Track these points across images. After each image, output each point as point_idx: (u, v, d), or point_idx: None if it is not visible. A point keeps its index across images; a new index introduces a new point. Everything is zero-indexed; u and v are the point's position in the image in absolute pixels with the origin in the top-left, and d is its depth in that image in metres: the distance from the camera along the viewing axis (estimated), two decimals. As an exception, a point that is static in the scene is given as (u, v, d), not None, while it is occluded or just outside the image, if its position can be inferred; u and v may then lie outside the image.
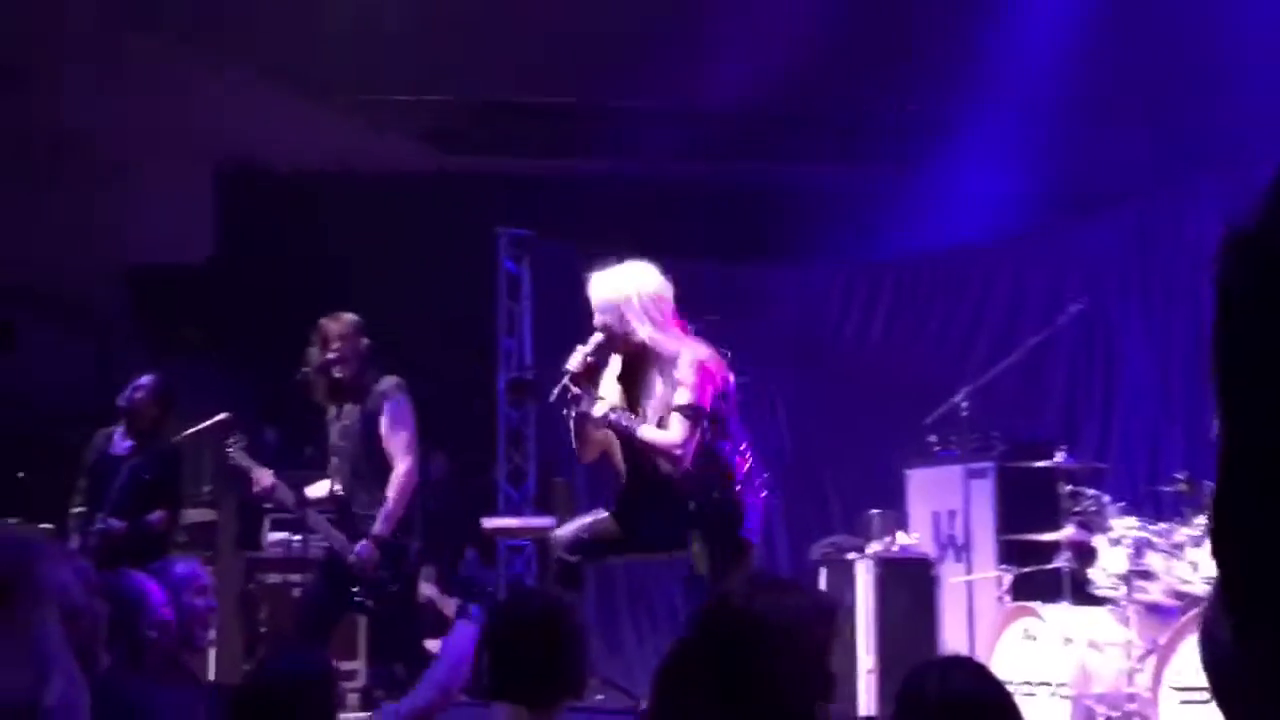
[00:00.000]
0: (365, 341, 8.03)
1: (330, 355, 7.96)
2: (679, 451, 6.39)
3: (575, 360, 6.58)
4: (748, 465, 6.56)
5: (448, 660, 4.59)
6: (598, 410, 6.54)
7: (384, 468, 7.89)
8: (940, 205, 11.74)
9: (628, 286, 6.57)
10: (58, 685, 3.19)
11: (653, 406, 6.51)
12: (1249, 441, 1.25)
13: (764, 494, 6.63)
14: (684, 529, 6.42)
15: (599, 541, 6.74)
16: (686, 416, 6.38)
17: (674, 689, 3.04)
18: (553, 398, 6.69)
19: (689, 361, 6.42)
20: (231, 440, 8.30)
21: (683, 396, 6.40)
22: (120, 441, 8.98)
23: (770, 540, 12.11)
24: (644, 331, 6.49)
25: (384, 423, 7.87)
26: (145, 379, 9.05)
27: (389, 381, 7.97)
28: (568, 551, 6.72)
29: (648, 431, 6.48)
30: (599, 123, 12.72)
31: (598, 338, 6.59)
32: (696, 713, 2.96)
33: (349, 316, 8.08)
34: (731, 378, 6.60)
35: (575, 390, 6.57)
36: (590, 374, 6.62)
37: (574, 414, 6.59)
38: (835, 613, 3.11)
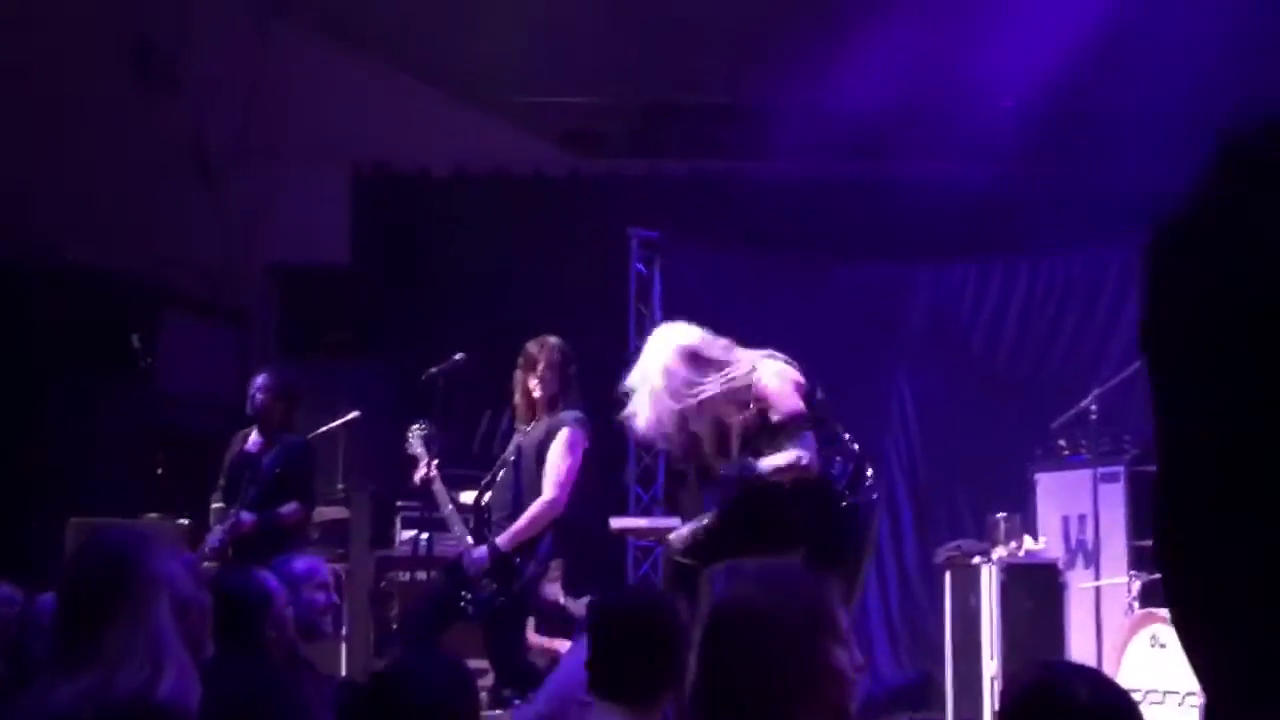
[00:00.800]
0: (570, 368, 8.09)
1: (533, 379, 8.02)
2: (803, 462, 6.48)
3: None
4: (849, 468, 6.59)
5: (567, 669, 4.59)
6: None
7: (537, 490, 7.94)
8: (1075, 204, 11.61)
9: (652, 385, 6.73)
10: (171, 676, 3.26)
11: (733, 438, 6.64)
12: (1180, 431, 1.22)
13: (874, 496, 6.62)
14: (791, 542, 6.48)
15: (714, 544, 6.76)
16: (791, 431, 6.48)
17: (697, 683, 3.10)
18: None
19: (748, 393, 6.56)
20: (418, 425, 8.35)
21: (774, 414, 6.50)
22: (255, 439, 9.16)
23: (900, 543, 12.06)
24: (689, 411, 6.65)
25: (554, 447, 7.90)
26: (261, 378, 9.18)
27: (573, 413, 8.00)
28: (682, 555, 6.75)
29: (768, 462, 6.56)
30: (734, 124, 12.73)
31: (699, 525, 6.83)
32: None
33: (552, 340, 8.13)
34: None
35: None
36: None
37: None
38: (814, 608, 3.09)
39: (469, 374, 8.44)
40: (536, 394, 8.00)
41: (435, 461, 8.11)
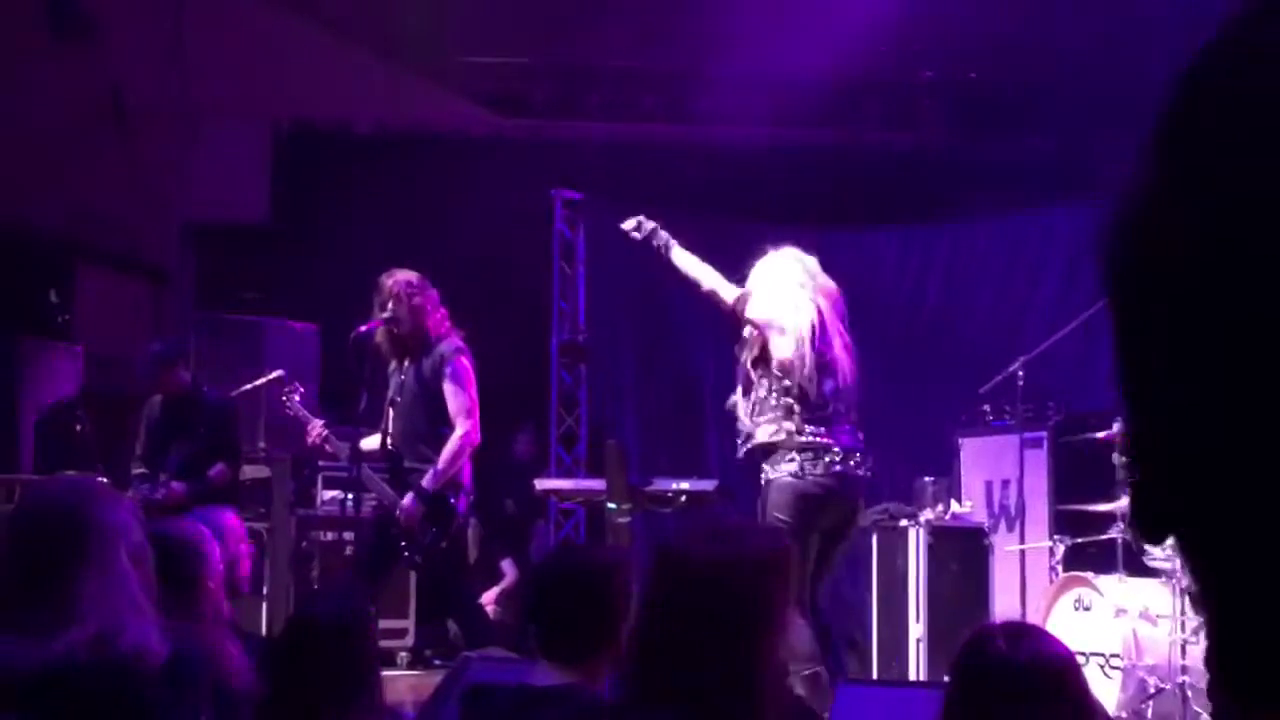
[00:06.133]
0: (418, 300, 8.03)
1: (383, 314, 8.00)
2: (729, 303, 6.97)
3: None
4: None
5: None
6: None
7: (439, 427, 7.91)
8: (999, 170, 11.67)
9: (821, 285, 7.19)
10: (137, 626, 3.21)
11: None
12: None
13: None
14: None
15: None
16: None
17: (642, 639, 3.08)
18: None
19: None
20: (288, 390, 8.39)
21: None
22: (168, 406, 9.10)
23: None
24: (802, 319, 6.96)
25: (446, 386, 7.90)
26: (140, 362, 9.17)
27: (450, 344, 7.98)
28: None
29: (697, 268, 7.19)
30: (657, 87, 12.71)
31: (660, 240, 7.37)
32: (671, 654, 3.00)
33: (401, 275, 8.09)
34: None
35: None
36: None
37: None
38: (766, 560, 3.11)
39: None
40: (396, 332, 8.02)
41: (322, 421, 8.16)
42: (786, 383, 6.77)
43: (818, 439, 6.76)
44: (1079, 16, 11.02)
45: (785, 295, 6.94)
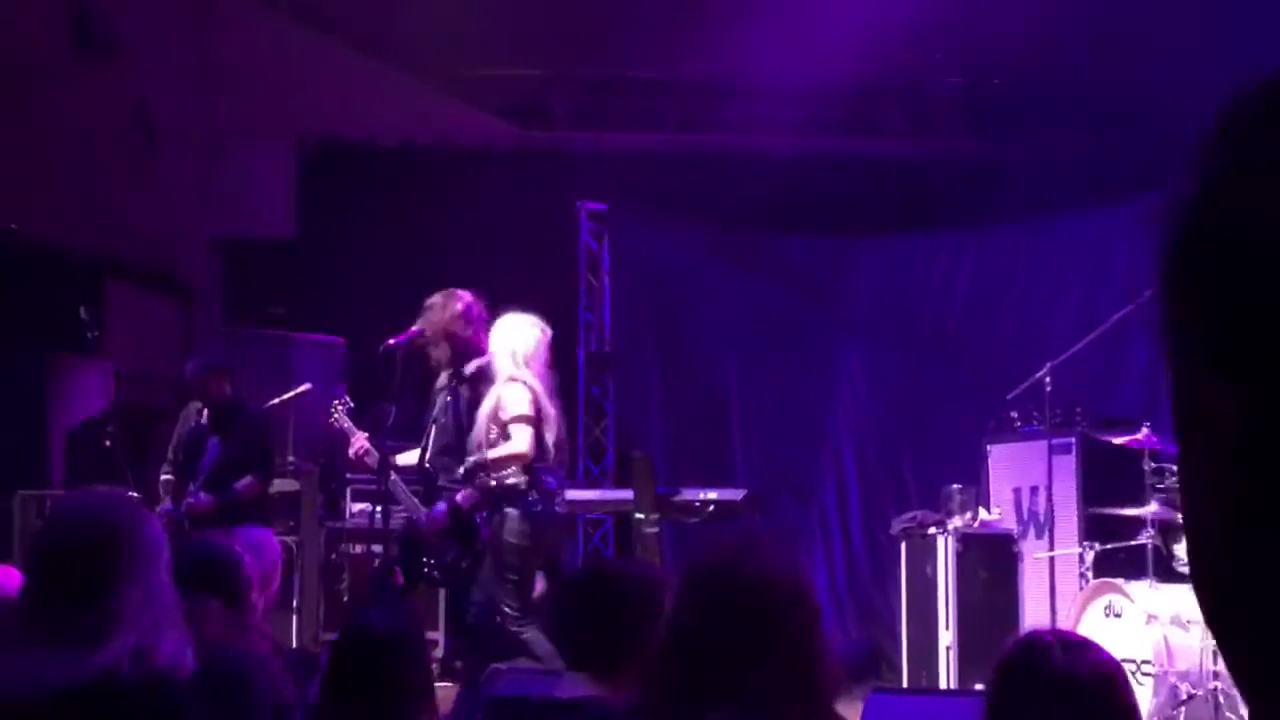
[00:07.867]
0: (457, 325, 8.06)
1: (416, 328, 8.04)
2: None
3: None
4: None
5: None
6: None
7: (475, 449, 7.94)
8: (1022, 176, 11.65)
9: (527, 338, 7.86)
10: (171, 639, 3.23)
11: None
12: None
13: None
14: None
15: None
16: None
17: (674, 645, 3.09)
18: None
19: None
20: (338, 402, 8.42)
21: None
22: (207, 416, 9.16)
23: (846, 514, 12.12)
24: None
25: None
26: (191, 362, 9.40)
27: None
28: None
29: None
30: (680, 98, 12.73)
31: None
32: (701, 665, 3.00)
33: (459, 299, 8.12)
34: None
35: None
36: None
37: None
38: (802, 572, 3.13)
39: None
40: (433, 354, 8.12)
41: (365, 435, 8.20)
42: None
43: (523, 483, 7.64)
44: (1099, 23, 11.01)
45: (513, 358, 7.77)
